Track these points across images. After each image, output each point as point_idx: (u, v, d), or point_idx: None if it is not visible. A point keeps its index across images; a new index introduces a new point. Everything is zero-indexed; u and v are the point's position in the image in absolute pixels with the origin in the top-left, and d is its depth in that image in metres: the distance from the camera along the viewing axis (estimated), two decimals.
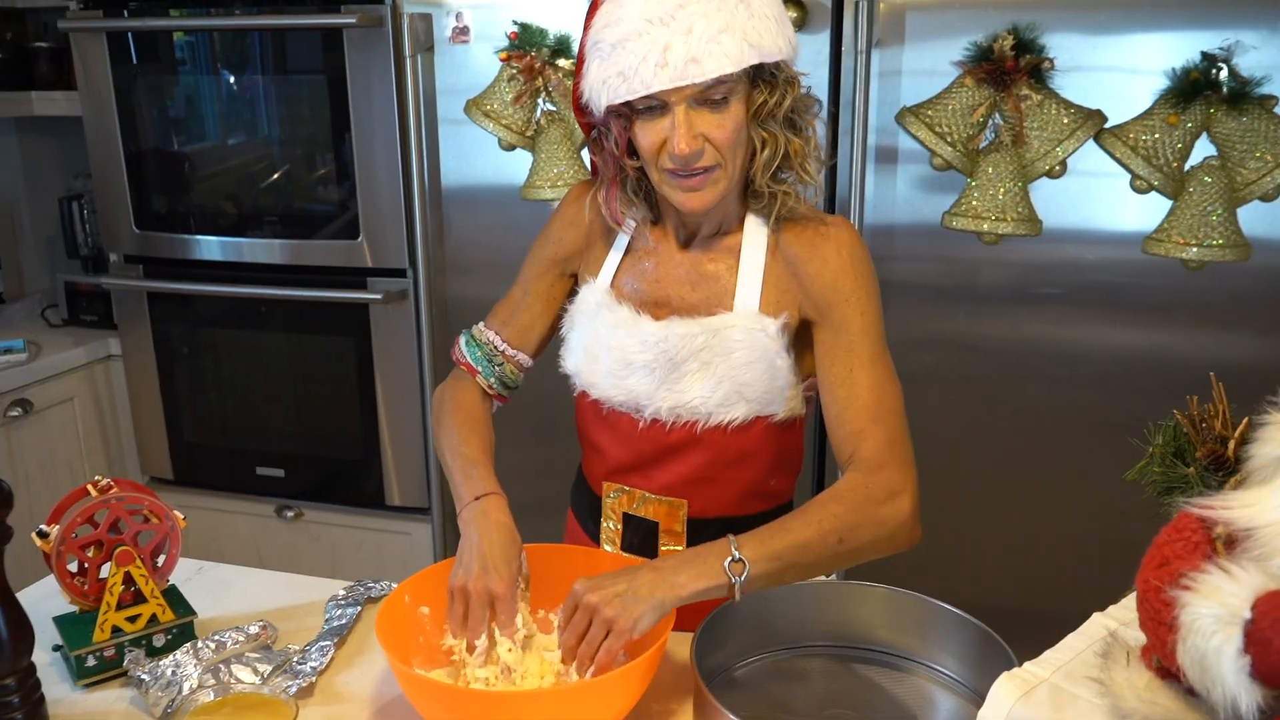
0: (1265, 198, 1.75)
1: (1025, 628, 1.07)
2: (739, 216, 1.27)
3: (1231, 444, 0.83)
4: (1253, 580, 0.67)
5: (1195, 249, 1.80)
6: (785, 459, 1.33)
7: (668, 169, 1.17)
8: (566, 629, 1.09)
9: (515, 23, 2.12)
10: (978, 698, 1.01)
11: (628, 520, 1.35)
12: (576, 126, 2.06)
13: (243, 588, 1.44)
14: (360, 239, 2.46)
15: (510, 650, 1.15)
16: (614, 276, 1.32)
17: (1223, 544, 0.73)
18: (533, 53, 2.10)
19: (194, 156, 2.60)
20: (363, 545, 2.73)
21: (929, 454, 2.10)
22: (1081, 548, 2.06)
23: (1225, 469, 0.83)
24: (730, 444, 1.27)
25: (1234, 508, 0.72)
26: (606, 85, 1.14)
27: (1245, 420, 0.80)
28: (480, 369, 1.40)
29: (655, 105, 1.14)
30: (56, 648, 1.25)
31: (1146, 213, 1.89)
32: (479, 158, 2.31)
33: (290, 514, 2.75)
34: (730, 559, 1.09)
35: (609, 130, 1.20)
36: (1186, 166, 1.82)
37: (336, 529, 2.74)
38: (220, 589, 1.43)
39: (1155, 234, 1.85)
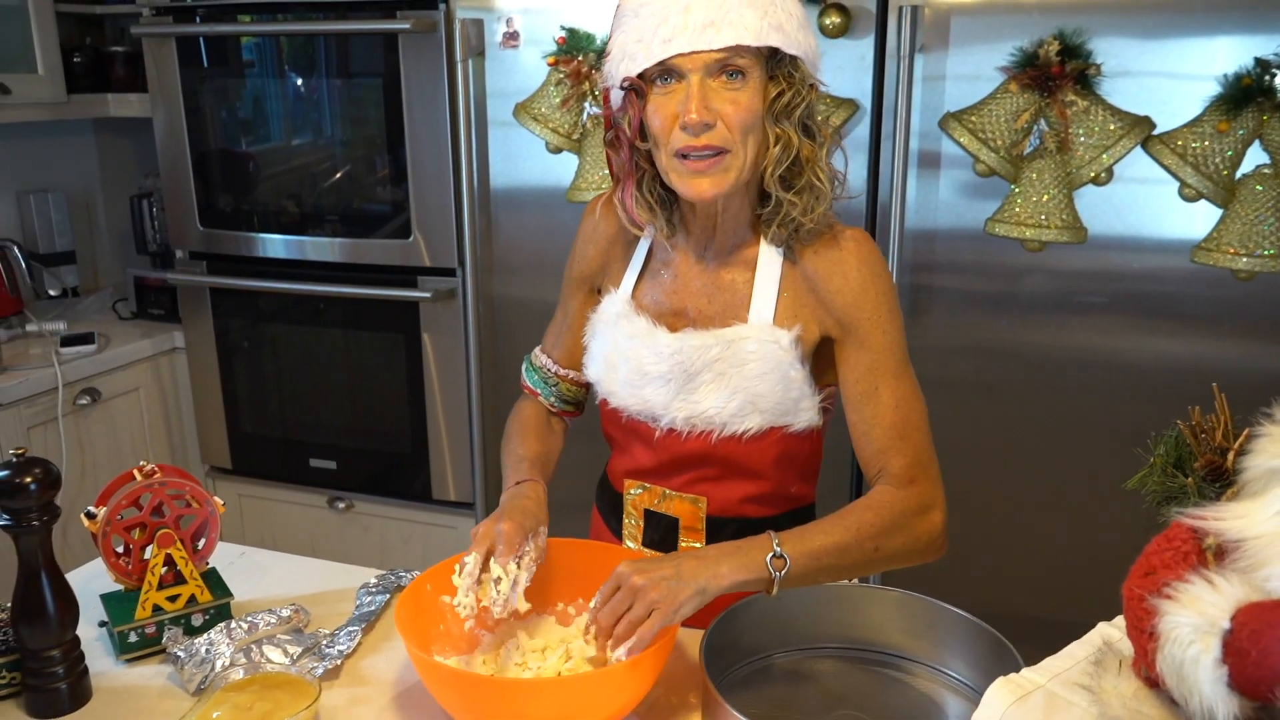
0: None
1: (1047, 635, 1.07)
2: (755, 227, 1.26)
3: (1230, 455, 0.82)
4: (1234, 591, 0.67)
5: (1246, 259, 1.77)
6: (803, 467, 1.33)
7: (678, 149, 1.15)
8: (604, 607, 1.09)
9: (563, 28, 2.16)
10: None
11: (649, 516, 1.37)
12: None
13: (280, 573, 1.49)
14: (413, 238, 2.52)
15: (499, 579, 1.19)
16: (635, 287, 1.33)
17: (1213, 555, 0.72)
18: (580, 57, 2.14)
19: (257, 157, 2.69)
20: (411, 538, 2.79)
21: (969, 461, 2.08)
22: (1115, 558, 2.02)
23: (1223, 480, 0.82)
24: (745, 454, 1.28)
25: (1225, 519, 0.72)
26: (626, 54, 1.14)
27: (1245, 431, 0.80)
28: (540, 390, 1.48)
29: (671, 76, 1.13)
30: (102, 623, 1.32)
31: (1195, 221, 1.85)
32: (527, 160, 2.35)
33: (342, 505, 2.82)
34: (772, 554, 1.11)
35: (625, 115, 1.19)
36: (1238, 175, 1.78)
37: (386, 521, 2.81)
38: (259, 574, 1.49)
39: (1204, 243, 1.81)
